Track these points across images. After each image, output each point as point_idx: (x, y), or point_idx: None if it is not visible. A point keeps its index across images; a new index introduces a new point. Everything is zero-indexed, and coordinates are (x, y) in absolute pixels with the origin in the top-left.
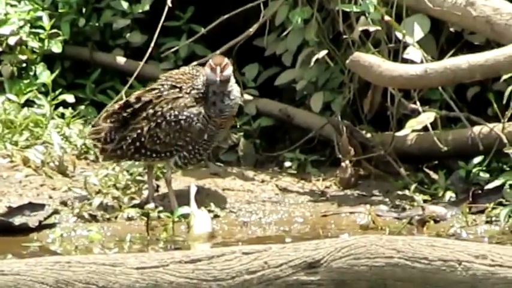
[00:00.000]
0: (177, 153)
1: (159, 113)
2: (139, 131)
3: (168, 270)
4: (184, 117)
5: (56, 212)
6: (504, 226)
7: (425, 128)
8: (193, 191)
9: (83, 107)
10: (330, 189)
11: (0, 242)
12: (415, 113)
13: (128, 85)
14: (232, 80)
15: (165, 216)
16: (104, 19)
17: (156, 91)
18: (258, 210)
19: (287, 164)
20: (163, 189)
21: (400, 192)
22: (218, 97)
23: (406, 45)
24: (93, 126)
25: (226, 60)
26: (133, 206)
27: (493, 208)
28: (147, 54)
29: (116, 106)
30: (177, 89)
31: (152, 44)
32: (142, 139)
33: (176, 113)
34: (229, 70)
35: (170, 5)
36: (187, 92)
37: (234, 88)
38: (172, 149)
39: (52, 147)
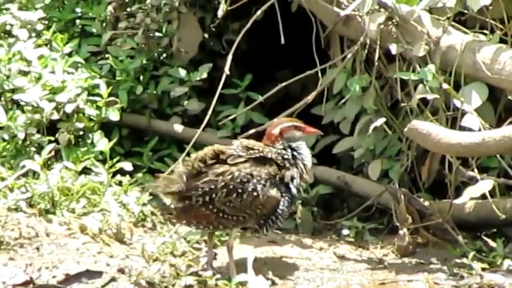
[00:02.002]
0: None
1: None
2: None
3: None
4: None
5: (113, 279)
6: None
7: (483, 196)
8: (251, 259)
9: (140, 174)
10: (387, 257)
11: None
12: (473, 181)
13: (185, 152)
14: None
15: (223, 283)
16: (161, 87)
17: None
18: (316, 277)
19: (345, 231)
20: (220, 257)
21: (458, 260)
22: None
23: (464, 113)
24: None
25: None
26: (191, 274)
27: None
28: (205, 122)
29: None
30: None
31: (210, 112)
32: None
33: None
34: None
35: (228, 72)
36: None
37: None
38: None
39: (109, 215)
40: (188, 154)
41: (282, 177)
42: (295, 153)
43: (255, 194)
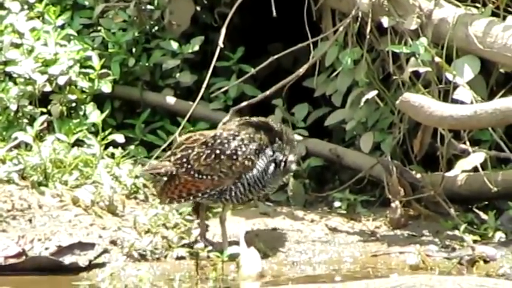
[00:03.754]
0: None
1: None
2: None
3: None
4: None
5: (105, 251)
6: None
7: (475, 169)
8: (242, 231)
9: (132, 147)
10: (379, 229)
11: (51, 281)
12: (465, 154)
13: (181, 127)
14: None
15: (215, 255)
16: (153, 59)
17: None
18: (308, 250)
19: (337, 204)
20: (212, 229)
21: (449, 233)
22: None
23: (456, 86)
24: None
25: None
26: (183, 246)
27: None
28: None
29: None
30: None
31: (204, 85)
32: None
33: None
34: None
35: (222, 45)
36: None
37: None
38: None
39: (102, 187)
40: (182, 128)
41: (277, 150)
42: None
43: (234, 155)
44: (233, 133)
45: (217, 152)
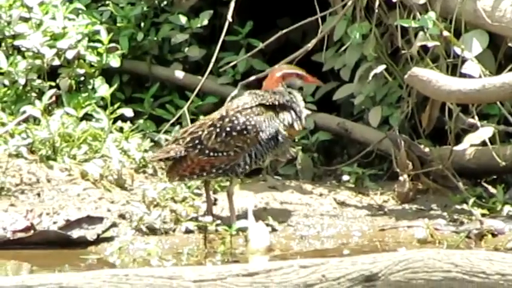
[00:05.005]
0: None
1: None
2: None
3: (225, 283)
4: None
5: (114, 225)
6: None
7: (483, 143)
8: (251, 205)
9: (141, 121)
10: (387, 203)
11: (59, 255)
12: (473, 128)
13: (189, 101)
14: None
15: (223, 229)
16: (162, 33)
17: None
18: (316, 223)
19: (345, 178)
20: (221, 203)
21: (458, 207)
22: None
23: (464, 60)
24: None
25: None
26: (191, 219)
27: None
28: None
29: None
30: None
31: (213, 59)
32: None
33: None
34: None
35: (230, 19)
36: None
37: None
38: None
39: (110, 161)
40: (191, 102)
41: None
42: (292, 98)
43: (245, 130)
44: (239, 110)
45: (228, 129)
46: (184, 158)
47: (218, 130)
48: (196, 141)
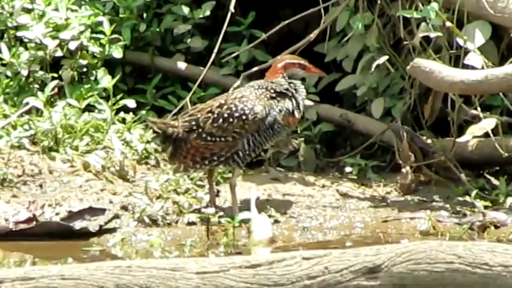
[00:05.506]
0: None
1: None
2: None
3: (228, 275)
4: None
5: (116, 216)
6: None
7: (486, 134)
8: (253, 196)
9: (143, 112)
10: (390, 194)
11: (61, 246)
12: (476, 119)
13: (192, 92)
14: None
15: (226, 221)
16: (164, 24)
17: None
18: (319, 215)
19: (347, 169)
20: (224, 194)
21: (460, 198)
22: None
23: (467, 51)
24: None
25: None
26: (194, 211)
27: None
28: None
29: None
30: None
31: (215, 50)
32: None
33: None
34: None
35: (233, 10)
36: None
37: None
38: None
39: (113, 152)
40: (193, 93)
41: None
42: (292, 87)
43: (243, 115)
44: (238, 98)
45: (226, 115)
46: (183, 141)
47: (216, 116)
48: (193, 123)
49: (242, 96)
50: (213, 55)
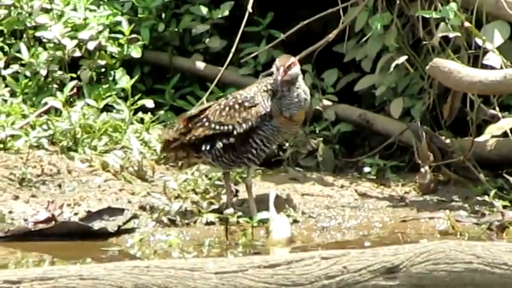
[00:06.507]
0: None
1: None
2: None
3: (247, 275)
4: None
5: (135, 216)
6: None
7: (505, 134)
8: (272, 196)
9: (162, 112)
10: (409, 194)
11: (79, 246)
12: (495, 119)
13: (208, 91)
14: (300, 81)
15: (244, 221)
16: (183, 24)
17: None
18: (337, 215)
19: (366, 169)
20: (242, 194)
21: (479, 198)
22: (281, 96)
23: (485, 51)
24: None
25: (292, 59)
26: (213, 211)
27: None
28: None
29: None
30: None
31: (233, 50)
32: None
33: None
34: (294, 69)
35: (251, 10)
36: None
37: (301, 89)
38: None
39: (131, 152)
40: (210, 92)
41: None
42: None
43: (246, 101)
44: (243, 92)
45: (231, 103)
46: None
47: (222, 107)
48: (204, 120)
49: (245, 89)
50: (231, 55)
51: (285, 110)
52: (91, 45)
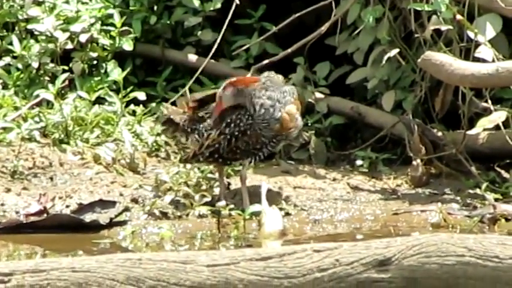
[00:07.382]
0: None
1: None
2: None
3: (239, 268)
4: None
5: (126, 209)
6: None
7: (496, 127)
8: (264, 189)
9: (154, 104)
10: (401, 187)
11: (71, 239)
12: (487, 112)
13: (191, 81)
14: (257, 93)
15: (236, 213)
16: (175, 17)
17: None
18: (329, 208)
19: (358, 162)
20: (234, 187)
21: (471, 191)
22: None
23: (477, 44)
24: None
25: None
26: (205, 204)
27: None
28: (213, 51)
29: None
30: None
31: (218, 41)
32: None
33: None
34: (226, 93)
35: (238, 2)
36: None
37: (262, 101)
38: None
39: (123, 145)
40: (201, 84)
41: None
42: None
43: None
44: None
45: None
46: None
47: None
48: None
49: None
50: (215, 45)
51: (265, 129)
52: (83, 38)
